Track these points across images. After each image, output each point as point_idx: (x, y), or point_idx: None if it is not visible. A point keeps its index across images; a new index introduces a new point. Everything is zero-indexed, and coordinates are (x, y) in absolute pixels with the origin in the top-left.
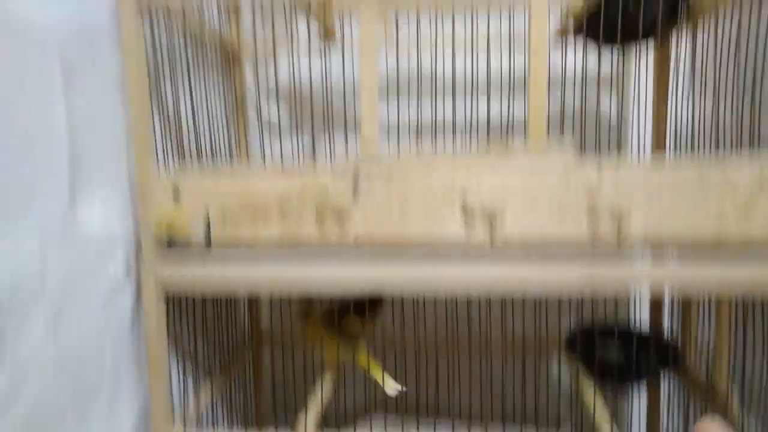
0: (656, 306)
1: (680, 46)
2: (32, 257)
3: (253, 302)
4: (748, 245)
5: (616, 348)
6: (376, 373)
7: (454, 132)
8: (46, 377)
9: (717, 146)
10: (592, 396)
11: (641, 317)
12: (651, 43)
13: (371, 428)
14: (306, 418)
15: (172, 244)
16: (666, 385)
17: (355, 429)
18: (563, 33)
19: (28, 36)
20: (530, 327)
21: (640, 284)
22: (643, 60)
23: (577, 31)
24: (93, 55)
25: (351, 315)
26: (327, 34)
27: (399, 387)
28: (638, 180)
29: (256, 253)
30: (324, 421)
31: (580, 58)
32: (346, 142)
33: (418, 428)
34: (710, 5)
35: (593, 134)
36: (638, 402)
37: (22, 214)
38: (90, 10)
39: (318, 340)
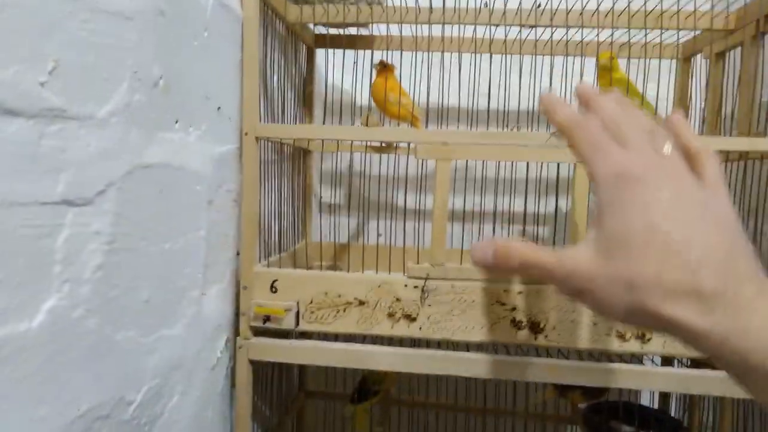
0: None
1: None
2: (179, 341)
3: (303, 368)
4: None
5: (628, 424)
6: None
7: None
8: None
9: None
10: None
11: (653, 399)
12: None
13: None
14: None
15: (266, 321)
16: None
17: None
18: None
19: (195, 181)
20: (552, 400)
21: (656, 385)
22: None
23: None
24: (222, 180)
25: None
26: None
27: None
28: None
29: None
30: None
31: None
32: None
33: None
34: None
35: None
36: None
37: (177, 309)
38: (224, 147)
39: (362, 422)
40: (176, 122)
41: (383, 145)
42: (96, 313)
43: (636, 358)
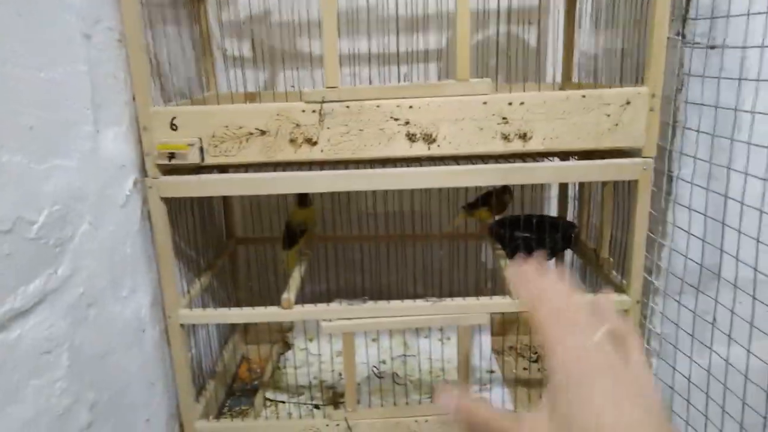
0: (562, 201)
1: None
2: (75, 172)
3: (228, 213)
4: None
5: (530, 231)
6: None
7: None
8: (93, 261)
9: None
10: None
11: (551, 210)
12: None
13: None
14: (288, 295)
15: (171, 159)
16: (568, 258)
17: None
18: None
19: (61, 9)
20: (463, 222)
21: (538, 178)
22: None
23: None
24: (98, 15)
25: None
26: None
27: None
28: (539, 104)
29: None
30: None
31: None
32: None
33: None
34: None
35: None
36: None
37: (65, 141)
38: None
39: (293, 262)
40: None
41: None
42: None
43: (523, 158)
